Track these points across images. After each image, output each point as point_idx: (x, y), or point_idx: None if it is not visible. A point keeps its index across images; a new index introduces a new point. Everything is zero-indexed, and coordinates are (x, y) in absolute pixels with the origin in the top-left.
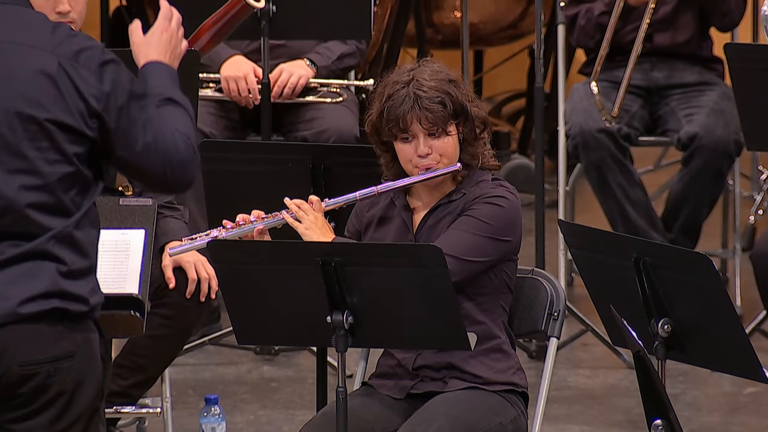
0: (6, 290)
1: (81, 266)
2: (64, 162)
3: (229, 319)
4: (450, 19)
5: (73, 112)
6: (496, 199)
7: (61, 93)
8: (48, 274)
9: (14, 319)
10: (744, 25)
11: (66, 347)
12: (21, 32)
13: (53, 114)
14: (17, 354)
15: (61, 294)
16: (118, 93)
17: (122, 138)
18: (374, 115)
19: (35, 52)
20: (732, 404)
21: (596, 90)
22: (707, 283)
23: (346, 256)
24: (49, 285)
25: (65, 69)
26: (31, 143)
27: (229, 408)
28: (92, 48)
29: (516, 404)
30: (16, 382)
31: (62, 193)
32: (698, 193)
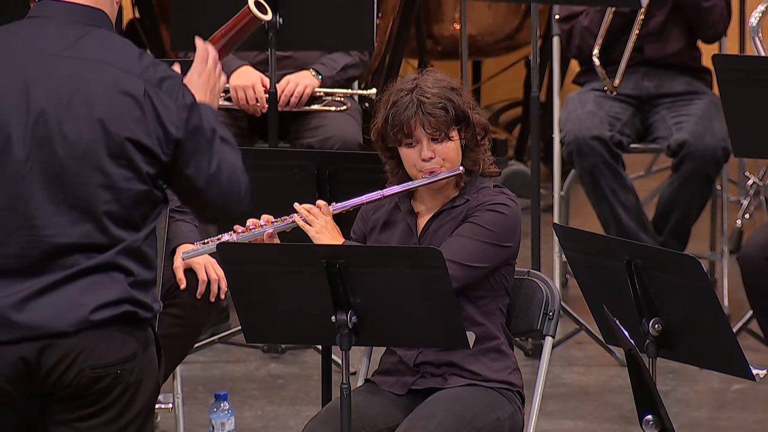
0: (80, 298)
1: (147, 277)
2: (139, 180)
3: (238, 319)
4: (449, 31)
5: (152, 135)
6: (498, 206)
7: (144, 116)
8: (119, 283)
9: (87, 325)
10: (731, 37)
11: (131, 350)
12: (112, 54)
13: (134, 134)
14: (89, 358)
15: (132, 300)
16: (194, 122)
17: (193, 166)
18: (379, 122)
19: (124, 75)
20: (720, 400)
21: (598, 61)
22: (696, 284)
23: (350, 258)
24: (120, 293)
25: (149, 94)
26: (112, 159)
27: (237, 404)
28: (175, 77)
29: (513, 401)
30: (87, 384)
31: (134, 209)
32: (687, 197)
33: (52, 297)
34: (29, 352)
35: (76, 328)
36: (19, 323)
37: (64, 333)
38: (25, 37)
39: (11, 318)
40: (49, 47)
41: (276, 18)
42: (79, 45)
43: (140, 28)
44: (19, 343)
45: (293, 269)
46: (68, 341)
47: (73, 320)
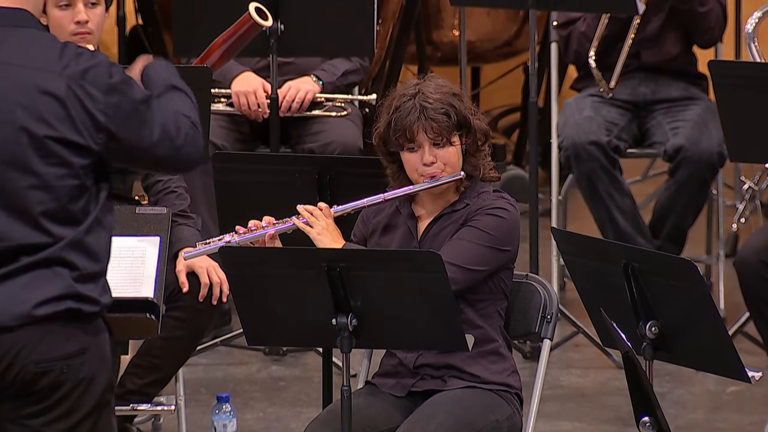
0: (22, 294)
1: (93, 270)
2: (71, 176)
3: (240, 322)
4: (449, 38)
5: (81, 129)
6: (497, 210)
7: (69, 113)
8: (62, 278)
9: (29, 320)
10: (727, 43)
11: (78, 345)
12: (30, 55)
13: (61, 133)
14: (32, 353)
15: (75, 296)
16: (125, 102)
17: (135, 141)
18: (382, 127)
19: (45, 75)
20: (716, 402)
21: (594, 64)
22: (692, 288)
23: (351, 262)
24: (63, 288)
25: (73, 89)
26: (41, 160)
27: (239, 406)
28: (98, 65)
29: (511, 402)
30: (32, 380)
31: (71, 204)
32: (684, 202)
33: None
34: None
35: (19, 322)
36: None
37: (8, 328)
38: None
39: None
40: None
41: (277, 24)
42: (2, 49)
43: (143, 35)
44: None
45: (294, 272)
46: (11, 336)
47: (15, 315)
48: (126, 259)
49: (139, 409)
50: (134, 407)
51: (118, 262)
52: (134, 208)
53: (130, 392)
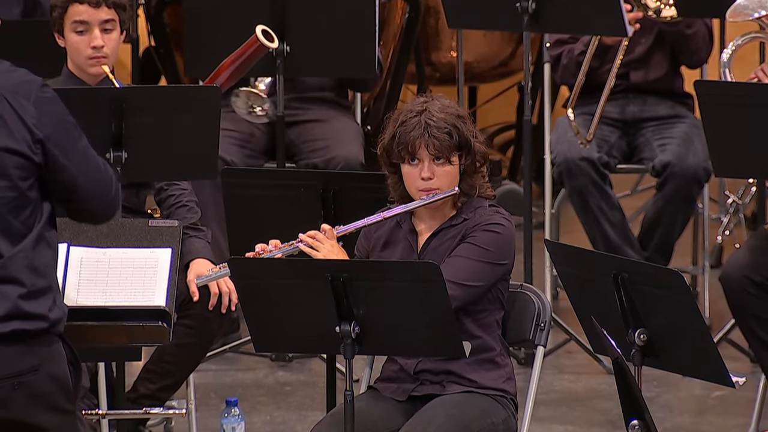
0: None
1: (40, 286)
2: (9, 187)
3: (248, 329)
4: (447, 58)
5: (18, 138)
6: (493, 226)
7: (5, 120)
8: (7, 299)
9: None
10: (712, 64)
11: (29, 362)
12: None
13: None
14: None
15: (21, 315)
16: (58, 122)
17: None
18: (386, 139)
19: None
20: (701, 406)
21: (572, 117)
22: (679, 297)
23: (353, 272)
24: (8, 309)
25: (6, 98)
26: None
27: (247, 409)
28: (31, 82)
29: (507, 407)
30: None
31: (11, 217)
32: (671, 215)
33: None
34: None
35: None
36: None
37: None
38: None
39: None
40: None
41: (283, 46)
42: None
43: (155, 56)
44: None
45: (300, 283)
46: None
47: None
48: (139, 270)
49: (152, 413)
50: (147, 411)
51: (132, 272)
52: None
53: (143, 396)
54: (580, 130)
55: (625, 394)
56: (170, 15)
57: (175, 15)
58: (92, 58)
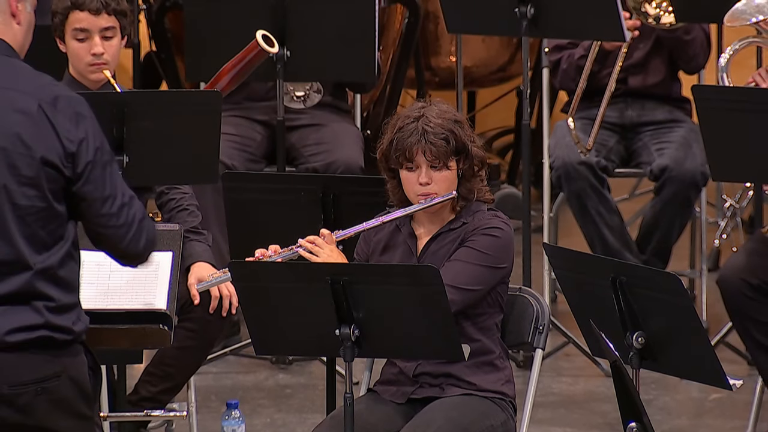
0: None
1: (67, 302)
2: (40, 197)
3: (248, 332)
4: (446, 63)
5: (51, 149)
6: (492, 230)
7: (41, 131)
8: (37, 311)
9: (1, 346)
10: (710, 69)
11: (52, 369)
12: (7, 78)
13: (31, 150)
14: (8, 376)
15: (48, 326)
16: (90, 141)
17: (89, 183)
18: (385, 144)
19: (18, 95)
20: (699, 409)
21: (573, 125)
22: (677, 300)
23: (353, 276)
24: (37, 319)
25: (45, 111)
26: (12, 177)
27: (248, 412)
28: (70, 98)
29: (506, 409)
30: (7, 401)
31: (38, 227)
32: (669, 219)
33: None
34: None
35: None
36: None
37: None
38: None
39: None
40: None
41: (284, 51)
42: None
43: (157, 61)
44: None
45: (300, 286)
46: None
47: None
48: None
49: (153, 415)
50: (148, 413)
51: (133, 275)
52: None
53: (144, 399)
54: (580, 137)
55: (623, 396)
56: (171, 20)
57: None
58: (92, 64)
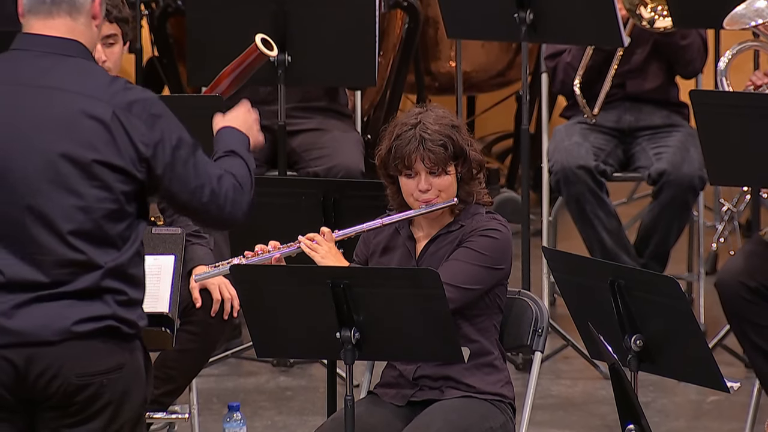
0: (65, 311)
1: (135, 297)
2: (112, 200)
3: (250, 335)
4: (446, 68)
5: (124, 155)
6: (490, 231)
7: (114, 138)
8: (106, 304)
9: (70, 336)
10: (707, 74)
11: (116, 361)
12: (82, 82)
13: (104, 155)
14: (75, 367)
15: (115, 317)
16: (166, 141)
17: (173, 181)
18: (383, 151)
19: (92, 101)
20: (697, 411)
21: (579, 91)
22: (675, 303)
23: (354, 279)
24: (105, 311)
25: (119, 117)
26: (84, 181)
27: (249, 414)
28: (144, 100)
29: (505, 411)
30: (74, 392)
31: (109, 228)
32: (667, 223)
33: (40, 308)
34: (18, 357)
35: (60, 337)
36: (8, 329)
37: (49, 342)
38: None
39: (1, 324)
40: (19, 77)
41: (285, 55)
42: (48, 75)
43: (159, 66)
44: (9, 348)
45: (301, 289)
46: (53, 350)
47: (56, 330)
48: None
49: (155, 417)
50: (150, 416)
51: None
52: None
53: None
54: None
55: (622, 398)
56: (173, 26)
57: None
58: None
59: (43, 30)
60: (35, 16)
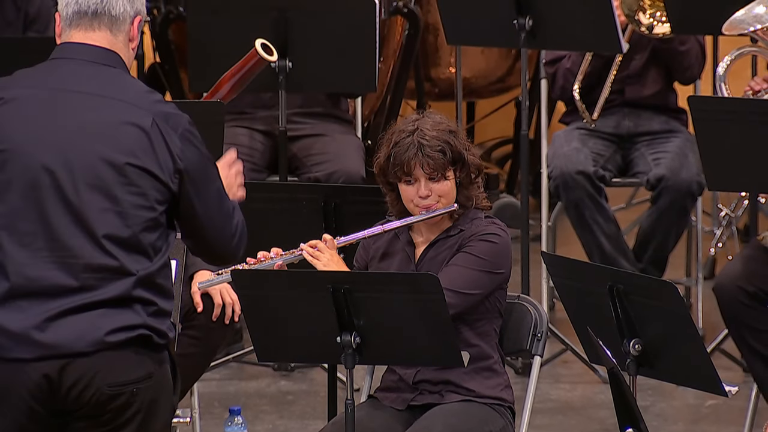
0: (98, 321)
1: (164, 308)
2: (147, 208)
3: (251, 339)
4: (446, 74)
5: (161, 163)
6: (489, 236)
7: (153, 145)
8: (137, 313)
9: (104, 346)
10: (705, 80)
11: (146, 370)
12: (122, 91)
13: (143, 162)
14: (107, 377)
15: (146, 326)
16: (197, 160)
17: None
18: (382, 159)
19: (133, 108)
20: (695, 415)
21: (578, 96)
22: (673, 308)
23: (354, 284)
24: (136, 320)
25: (158, 125)
26: (122, 187)
27: (250, 418)
28: (180, 116)
29: (504, 415)
30: (105, 402)
31: (143, 236)
32: (665, 228)
33: (73, 320)
34: (51, 370)
35: (94, 348)
36: (41, 342)
37: (83, 353)
38: (47, 76)
39: (34, 337)
40: (64, 84)
41: (286, 62)
42: (91, 82)
43: (161, 72)
44: (42, 360)
45: (302, 294)
46: (87, 361)
47: (90, 341)
48: None
49: None
50: None
51: None
52: None
53: None
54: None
55: (621, 402)
56: (175, 32)
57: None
58: None
59: (85, 41)
60: (76, 29)
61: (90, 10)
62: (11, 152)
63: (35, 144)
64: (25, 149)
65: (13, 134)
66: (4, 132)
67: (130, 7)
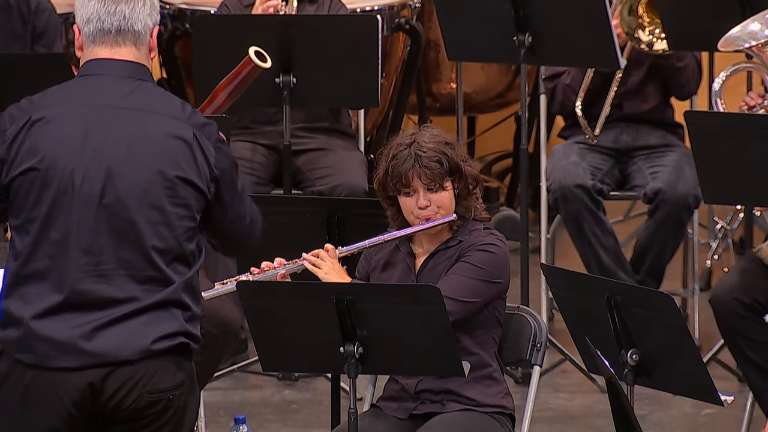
0: (143, 330)
1: (197, 312)
2: (190, 218)
3: (255, 349)
4: (447, 90)
5: (201, 174)
6: (488, 246)
7: (195, 157)
8: (176, 318)
9: (148, 354)
10: (701, 96)
11: (180, 377)
12: (160, 104)
13: (188, 174)
14: (148, 384)
15: (185, 333)
16: (227, 165)
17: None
18: (381, 173)
19: (174, 121)
20: (691, 424)
21: (580, 113)
22: (670, 319)
23: (357, 295)
24: (177, 327)
25: (197, 137)
26: (169, 199)
27: (255, 427)
28: (212, 125)
29: (504, 424)
30: (144, 408)
31: (187, 245)
32: (662, 240)
33: (119, 328)
34: (96, 378)
35: (139, 356)
36: (88, 351)
37: (129, 361)
38: (83, 92)
39: (81, 347)
40: (105, 100)
41: (290, 78)
42: (131, 97)
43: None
44: (87, 369)
45: (305, 305)
46: (131, 368)
47: (136, 349)
48: None
49: None
50: None
51: None
52: None
53: None
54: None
55: (618, 412)
56: (181, 48)
57: (186, 48)
58: None
59: (112, 56)
60: (101, 45)
61: (114, 28)
62: (61, 171)
63: (85, 162)
64: (75, 167)
65: (61, 153)
66: (52, 152)
67: (150, 21)
